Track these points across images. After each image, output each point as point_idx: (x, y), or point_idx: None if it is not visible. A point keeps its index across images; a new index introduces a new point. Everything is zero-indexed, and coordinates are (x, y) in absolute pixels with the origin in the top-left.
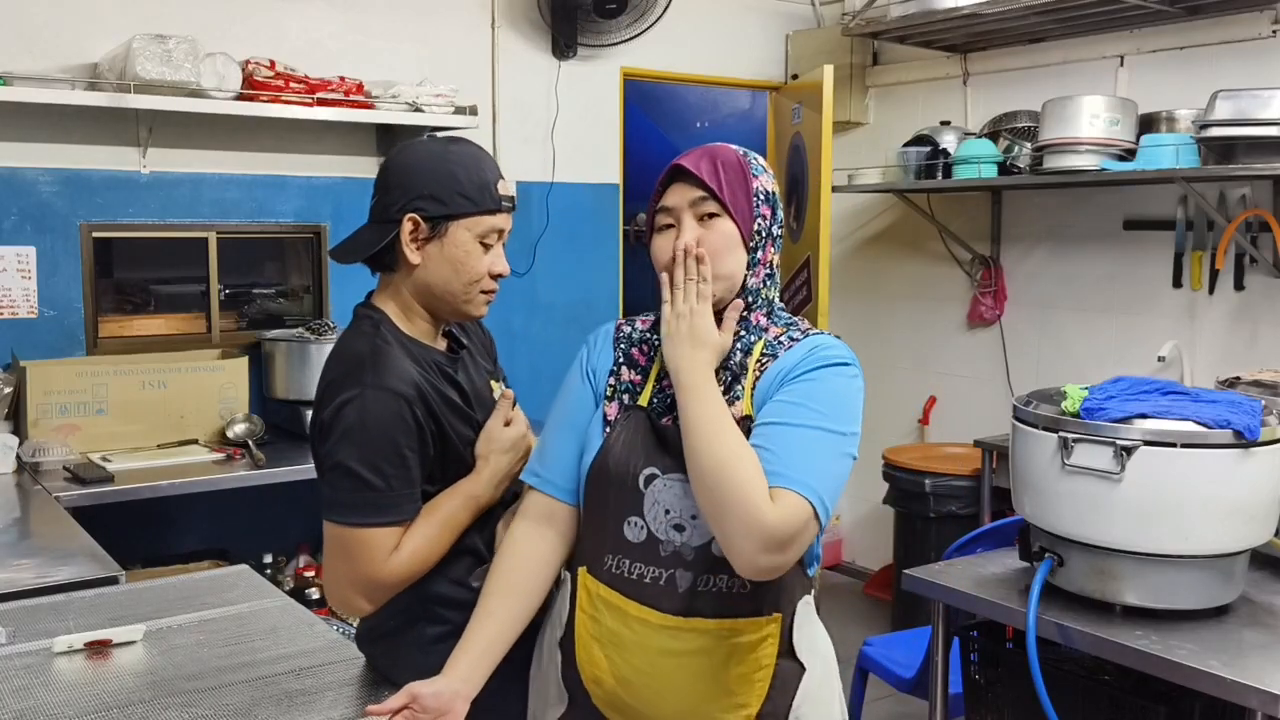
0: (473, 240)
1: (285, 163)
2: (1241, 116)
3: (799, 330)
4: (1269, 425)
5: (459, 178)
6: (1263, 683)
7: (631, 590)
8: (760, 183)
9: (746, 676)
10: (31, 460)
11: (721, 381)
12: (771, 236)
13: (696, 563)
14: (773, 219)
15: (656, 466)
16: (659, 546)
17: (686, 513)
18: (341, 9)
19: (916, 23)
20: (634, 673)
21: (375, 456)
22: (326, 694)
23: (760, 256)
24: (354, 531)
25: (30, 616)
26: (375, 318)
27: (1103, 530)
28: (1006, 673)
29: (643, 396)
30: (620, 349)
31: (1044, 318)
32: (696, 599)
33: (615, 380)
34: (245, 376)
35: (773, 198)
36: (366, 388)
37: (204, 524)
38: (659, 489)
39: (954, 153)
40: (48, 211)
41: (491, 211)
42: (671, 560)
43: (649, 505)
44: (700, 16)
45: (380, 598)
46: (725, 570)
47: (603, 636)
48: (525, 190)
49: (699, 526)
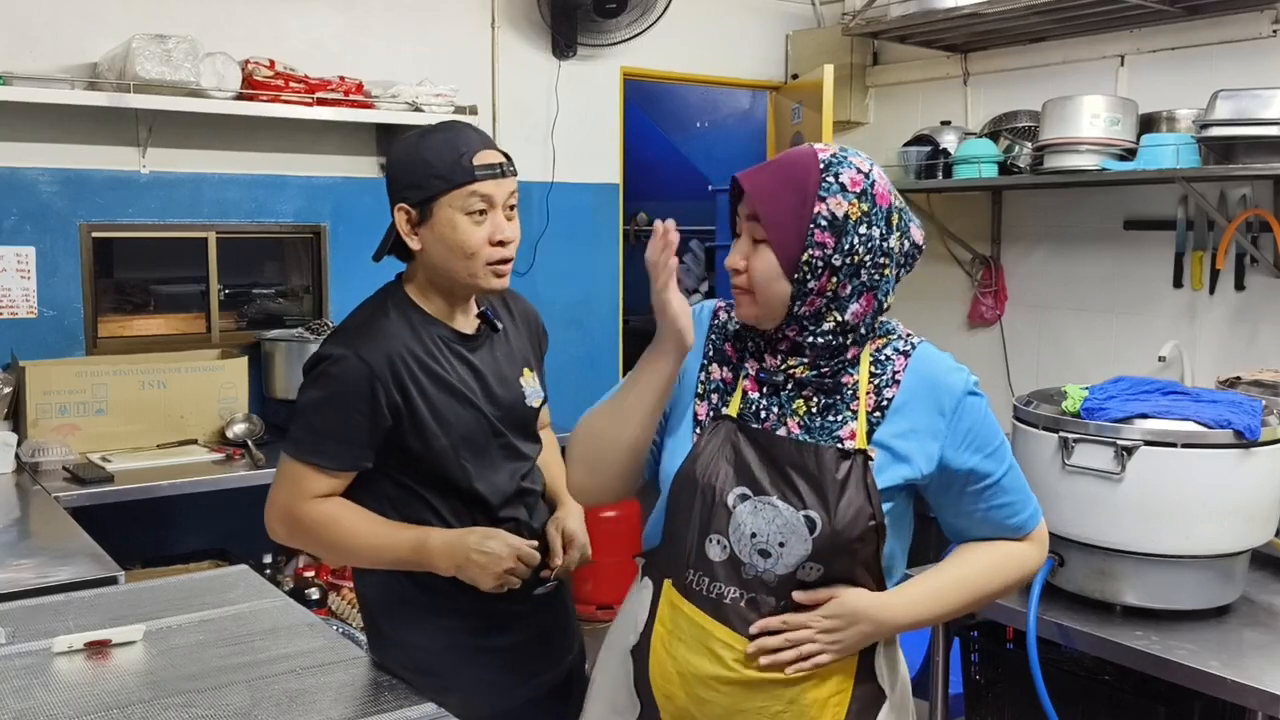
0: (459, 215)
1: (285, 163)
2: (1242, 116)
3: (900, 338)
4: (1269, 425)
5: (431, 161)
6: (1263, 683)
7: (711, 609)
8: (825, 206)
9: (822, 701)
10: (31, 460)
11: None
12: (832, 266)
13: (779, 589)
14: (838, 239)
15: (748, 487)
16: (741, 569)
17: (774, 539)
18: (341, 9)
19: (916, 22)
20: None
21: (324, 407)
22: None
23: (814, 285)
24: (288, 461)
25: (30, 616)
26: (391, 290)
27: (1103, 530)
28: (1007, 673)
29: (731, 405)
30: (713, 342)
31: (1044, 318)
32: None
33: (705, 377)
34: (245, 376)
35: (842, 222)
36: (342, 350)
37: (204, 524)
38: (748, 511)
39: (954, 153)
40: (47, 211)
41: (467, 183)
42: (754, 584)
43: (734, 526)
44: (700, 16)
45: (289, 533)
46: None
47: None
48: (525, 190)
49: (784, 555)
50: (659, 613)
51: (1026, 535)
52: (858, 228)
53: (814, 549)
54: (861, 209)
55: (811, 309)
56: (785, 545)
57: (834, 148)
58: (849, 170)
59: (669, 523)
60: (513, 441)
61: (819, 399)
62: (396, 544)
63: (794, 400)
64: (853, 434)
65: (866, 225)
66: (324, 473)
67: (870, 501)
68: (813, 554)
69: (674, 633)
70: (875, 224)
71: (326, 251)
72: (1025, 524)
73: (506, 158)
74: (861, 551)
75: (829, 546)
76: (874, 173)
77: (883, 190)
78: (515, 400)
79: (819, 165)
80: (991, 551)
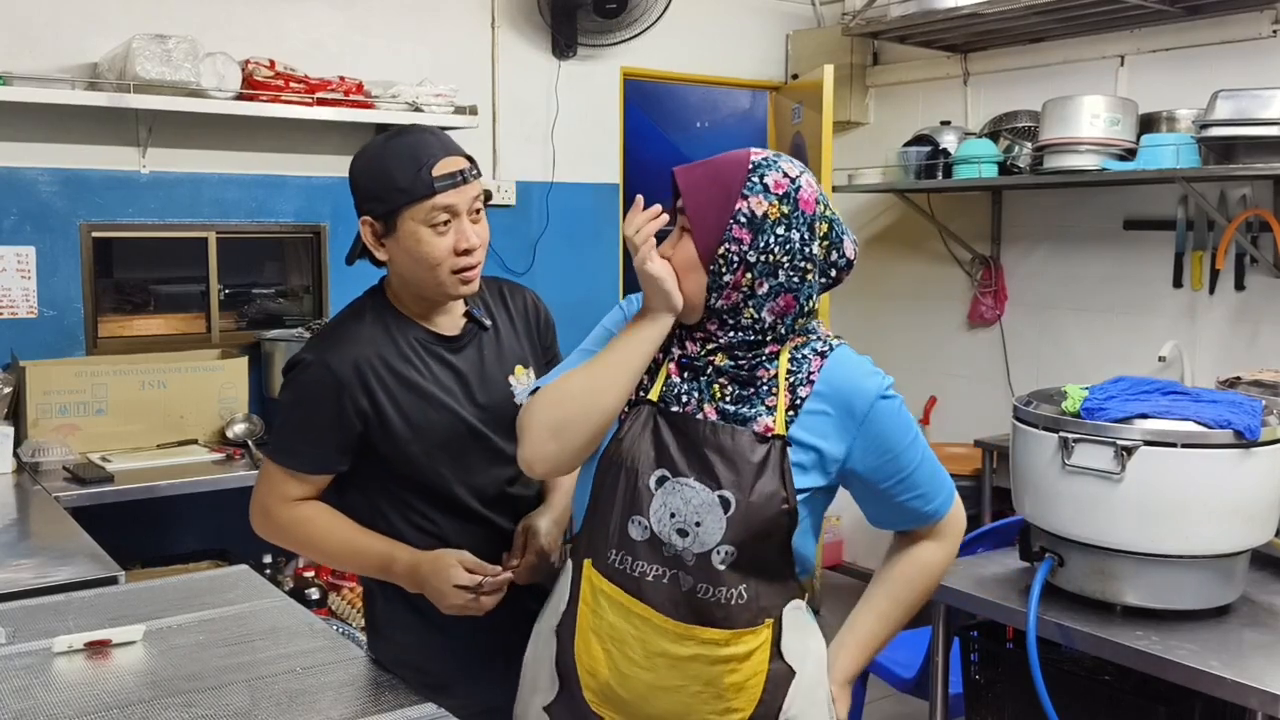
0: (422, 227)
1: (285, 163)
2: (1242, 116)
3: (818, 339)
4: (1269, 425)
5: (392, 172)
6: (1263, 683)
7: (633, 587)
8: (746, 204)
9: (740, 684)
10: (31, 460)
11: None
12: (746, 262)
13: (697, 570)
14: (754, 237)
15: (667, 469)
16: (662, 548)
17: (691, 518)
18: (341, 9)
19: (916, 22)
20: (630, 668)
21: (294, 411)
22: (326, 694)
23: (729, 279)
24: (266, 461)
25: (30, 616)
26: (372, 293)
27: (1103, 530)
28: (1007, 673)
29: (654, 390)
30: None
31: (1044, 318)
32: (696, 604)
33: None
34: (245, 376)
35: (760, 221)
36: (311, 356)
37: (204, 524)
38: (668, 491)
39: (954, 153)
40: (47, 211)
41: (427, 196)
42: (673, 562)
43: (655, 507)
44: (700, 16)
45: (267, 531)
46: (724, 582)
47: (602, 630)
48: (525, 190)
49: (701, 534)
50: (581, 593)
51: (940, 520)
52: (775, 228)
53: (728, 528)
54: (782, 211)
55: (728, 302)
56: (701, 525)
57: (769, 152)
58: (775, 173)
59: (593, 503)
60: (497, 444)
61: (734, 388)
62: (365, 557)
63: (712, 385)
64: (767, 427)
65: (785, 227)
66: (296, 475)
67: (784, 486)
68: (726, 534)
69: (596, 611)
70: (795, 227)
71: (326, 251)
72: (938, 509)
73: (470, 161)
74: (774, 535)
75: (742, 527)
76: (802, 179)
77: (808, 197)
78: (501, 400)
79: (748, 165)
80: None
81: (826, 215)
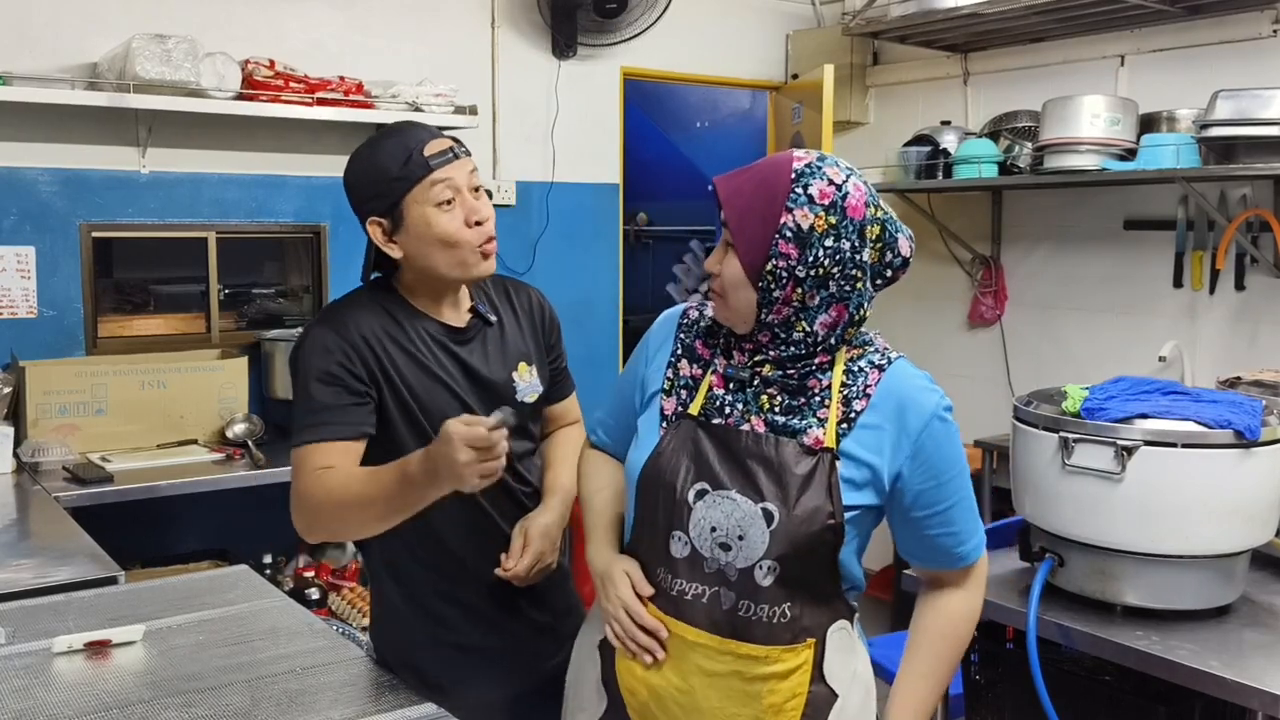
0: (428, 208)
1: (285, 162)
2: (1242, 116)
3: (876, 351)
4: (1270, 425)
5: (385, 166)
6: (1263, 683)
7: (672, 607)
8: (792, 218)
9: (779, 705)
10: (31, 460)
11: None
12: (796, 278)
13: (739, 585)
14: (802, 251)
15: (707, 482)
16: (704, 564)
17: (734, 532)
18: (341, 9)
19: (916, 22)
20: (668, 687)
21: (308, 386)
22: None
23: (779, 294)
24: (294, 453)
25: (30, 616)
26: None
27: (1103, 530)
28: (1007, 673)
29: (695, 403)
30: (681, 340)
31: (1044, 318)
32: (737, 622)
33: (674, 374)
34: (245, 376)
35: (807, 235)
36: (317, 329)
37: (204, 524)
38: (707, 505)
39: (954, 152)
40: (47, 211)
41: (425, 175)
42: (715, 578)
43: (695, 521)
44: (700, 16)
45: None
46: (767, 600)
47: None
48: (525, 190)
49: (745, 549)
50: None
51: (968, 565)
52: (823, 240)
53: (770, 543)
54: (829, 222)
55: (779, 317)
56: (745, 538)
57: (812, 156)
58: (820, 182)
59: (637, 521)
60: None
61: (783, 398)
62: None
63: (759, 396)
64: (818, 439)
65: (834, 238)
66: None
67: (831, 500)
68: (770, 548)
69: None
70: (845, 237)
71: (326, 251)
72: (968, 555)
73: (456, 141)
74: (819, 552)
75: (785, 541)
76: (849, 184)
77: (856, 203)
78: (503, 396)
79: (791, 174)
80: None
81: (878, 218)
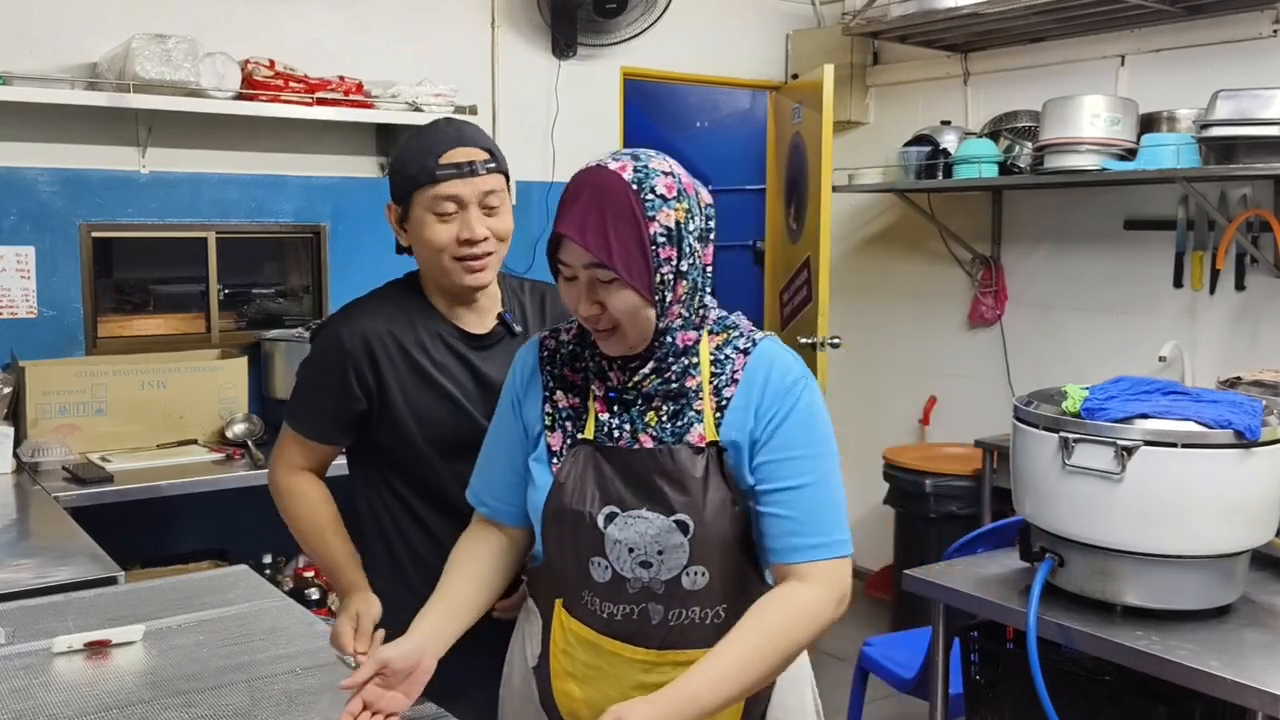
0: (427, 214)
1: (285, 162)
2: (1242, 116)
3: (741, 335)
4: (1270, 425)
5: (407, 160)
6: (1263, 683)
7: (604, 627)
8: (658, 224)
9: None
10: (31, 460)
11: (664, 412)
12: (680, 273)
13: (667, 596)
14: (678, 248)
15: (614, 504)
16: (626, 584)
17: (651, 549)
18: (341, 9)
19: (916, 22)
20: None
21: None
22: (326, 694)
23: (670, 298)
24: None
25: (30, 617)
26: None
27: (1103, 530)
28: (1007, 673)
29: (587, 428)
30: (549, 372)
31: (1044, 318)
32: (670, 632)
33: (552, 409)
34: (245, 376)
35: (676, 231)
36: (329, 325)
37: (204, 524)
38: (619, 527)
39: (954, 152)
40: (47, 211)
41: (429, 184)
42: (641, 595)
43: (610, 545)
44: (700, 16)
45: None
46: (697, 602)
47: (577, 671)
48: (525, 190)
49: (666, 561)
50: (554, 636)
51: (809, 564)
52: (688, 227)
53: (692, 550)
54: (685, 208)
55: (674, 318)
56: (664, 552)
57: (626, 160)
58: (655, 179)
59: (550, 554)
60: None
61: (668, 406)
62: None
63: (645, 414)
64: (701, 435)
65: (691, 220)
66: (300, 439)
67: (730, 489)
68: (691, 557)
69: (567, 652)
70: (695, 215)
71: (326, 251)
72: (805, 550)
73: (491, 153)
74: (738, 544)
75: (705, 545)
76: (674, 166)
77: (686, 179)
78: None
79: (631, 187)
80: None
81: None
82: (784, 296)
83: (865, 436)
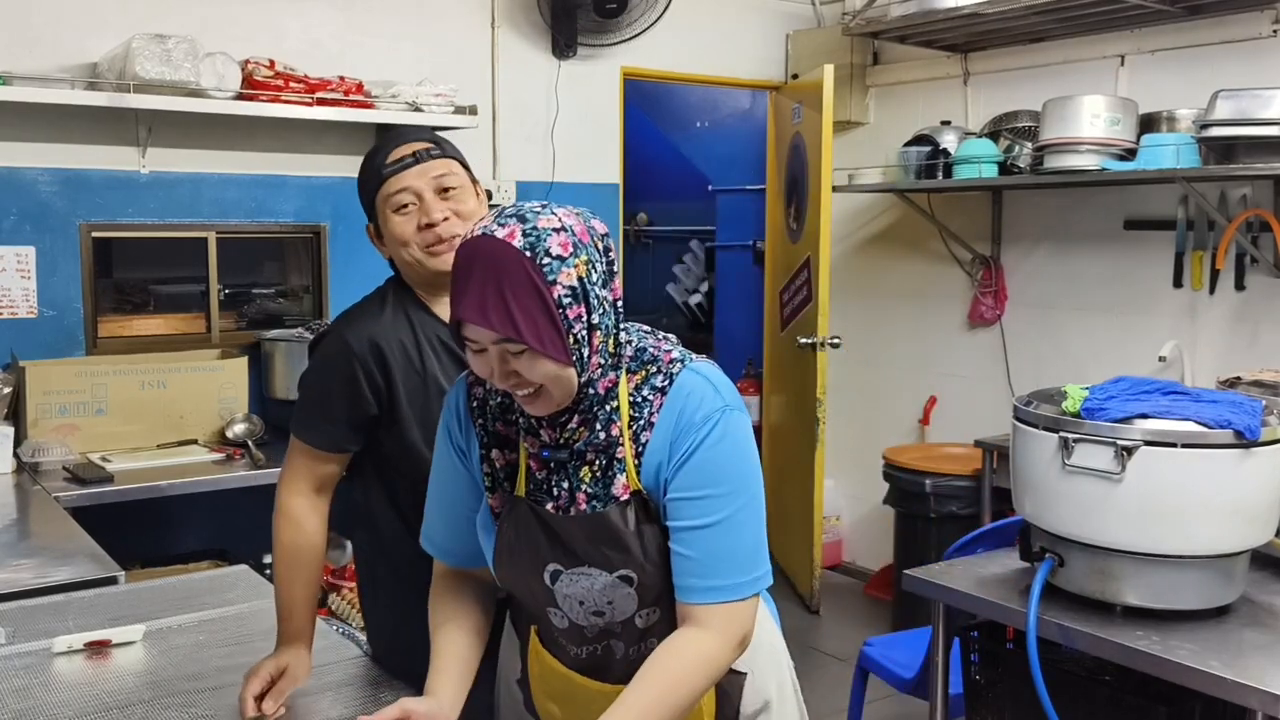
0: (390, 213)
1: (285, 162)
2: (1242, 116)
3: (659, 372)
4: (1269, 425)
5: (364, 175)
6: (1263, 683)
7: (572, 664)
8: (560, 286)
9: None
10: (31, 460)
11: (597, 466)
12: (592, 326)
13: (626, 634)
14: (586, 303)
15: (558, 562)
16: (583, 630)
17: (601, 600)
18: (341, 9)
19: (917, 22)
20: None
21: (312, 385)
22: (326, 694)
23: (588, 352)
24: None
25: (30, 617)
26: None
27: (1103, 530)
28: (1007, 673)
29: (518, 486)
30: (482, 427)
31: (1044, 318)
32: (634, 664)
33: (490, 468)
34: (245, 376)
35: (580, 287)
36: (334, 332)
37: (204, 524)
38: (566, 584)
39: (954, 152)
40: (47, 211)
41: (380, 182)
42: (602, 635)
43: (561, 599)
44: (700, 16)
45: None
46: (655, 634)
47: (554, 692)
48: (525, 190)
49: (617, 608)
50: (529, 658)
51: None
52: (589, 278)
53: (640, 598)
54: (583, 260)
55: (595, 369)
56: (613, 603)
57: (513, 224)
58: (549, 238)
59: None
60: None
61: (600, 460)
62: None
63: (579, 470)
64: (625, 486)
65: (592, 269)
66: (309, 451)
67: (663, 533)
68: (641, 602)
69: (542, 675)
70: (596, 262)
71: (326, 251)
72: (701, 593)
73: (435, 142)
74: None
75: (653, 590)
76: (563, 218)
77: (580, 228)
78: None
79: (525, 255)
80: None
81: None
82: (784, 296)
83: (865, 436)
